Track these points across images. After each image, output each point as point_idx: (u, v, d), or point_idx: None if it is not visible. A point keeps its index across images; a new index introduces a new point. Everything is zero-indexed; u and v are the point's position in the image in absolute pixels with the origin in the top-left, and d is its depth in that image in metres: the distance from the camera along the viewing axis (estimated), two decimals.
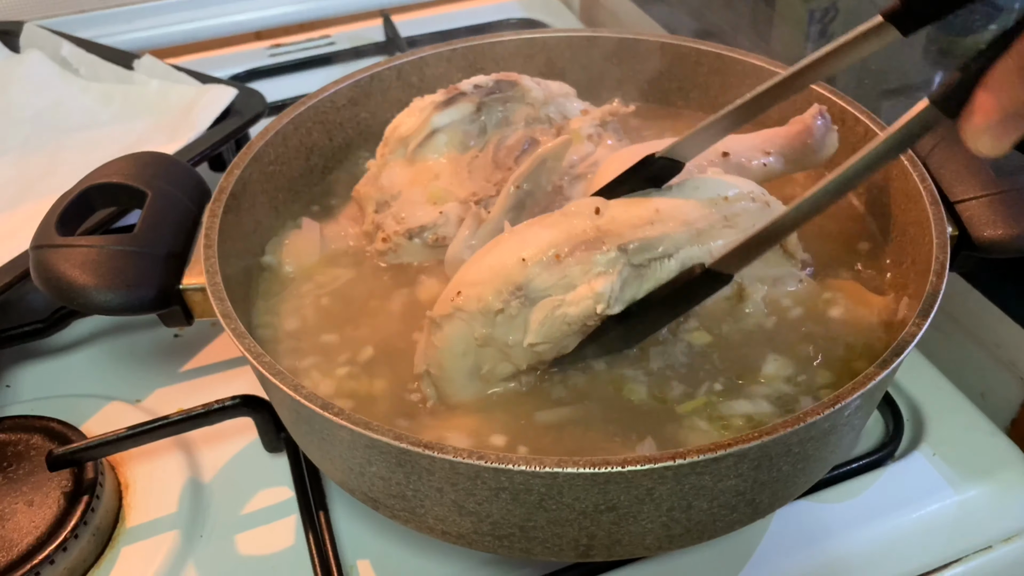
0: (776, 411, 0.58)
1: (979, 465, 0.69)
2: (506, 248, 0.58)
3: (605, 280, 0.56)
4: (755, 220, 0.60)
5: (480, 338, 0.57)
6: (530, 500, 0.49)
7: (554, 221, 0.59)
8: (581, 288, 0.56)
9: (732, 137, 0.69)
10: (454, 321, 0.57)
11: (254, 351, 0.54)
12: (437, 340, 0.58)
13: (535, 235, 0.58)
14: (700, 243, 0.59)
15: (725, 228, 0.59)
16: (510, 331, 0.57)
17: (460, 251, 0.66)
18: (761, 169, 0.70)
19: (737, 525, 0.56)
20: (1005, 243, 0.62)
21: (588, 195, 0.74)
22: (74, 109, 1.00)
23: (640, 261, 0.57)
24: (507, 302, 0.56)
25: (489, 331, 0.57)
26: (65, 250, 0.61)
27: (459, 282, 0.58)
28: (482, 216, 0.65)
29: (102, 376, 0.80)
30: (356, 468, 0.54)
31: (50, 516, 0.63)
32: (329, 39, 1.30)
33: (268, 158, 0.74)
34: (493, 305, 0.56)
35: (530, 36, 0.87)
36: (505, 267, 0.57)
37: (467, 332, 0.57)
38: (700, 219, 0.59)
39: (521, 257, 0.56)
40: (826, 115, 0.71)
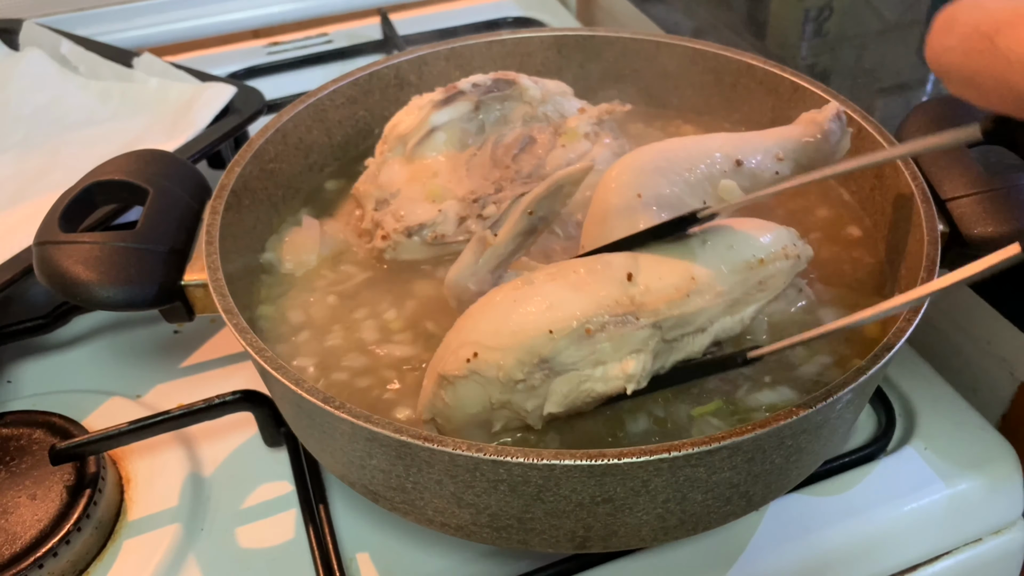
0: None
1: (970, 459, 0.70)
2: (530, 313, 0.53)
3: (637, 360, 0.53)
4: (787, 278, 0.57)
5: (496, 403, 0.54)
6: (528, 492, 0.50)
7: (582, 282, 0.54)
8: (611, 367, 0.53)
9: (742, 137, 0.66)
10: (468, 383, 0.54)
11: (256, 346, 0.55)
12: (448, 397, 0.55)
13: (562, 301, 0.53)
14: (733, 313, 0.56)
15: (759, 292, 0.57)
16: (529, 399, 0.54)
17: (464, 277, 0.61)
18: (773, 177, 0.66)
19: (731, 517, 0.57)
20: (995, 240, 0.63)
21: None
22: (73, 106, 1.01)
23: (673, 336, 0.55)
24: (530, 374, 0.53)
25: (507, 397, 0.54)
26: (68, 246, 0.62)
27: (475, 341, 0.54)
28: (488, 240, 0.60)
29: (103, 372, 0.81)
30: (356, 461, 0.55)
31: (53, 509, 0.64)
32: (327, 37, 1.31)
33: (268, 156, 0.75)
34: (514, 375, 0.53)
35: (528, 35, 0.88)
36: (530, 337, 0.52)
37: (482, 395, 0.54)
38: (735, 287, 0.56)
39: (548, 329, 0.52)
40: (843, 116, 0.68)
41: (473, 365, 0.53)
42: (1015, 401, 0.77)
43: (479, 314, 0.56)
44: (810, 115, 0.68)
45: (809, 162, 0.67)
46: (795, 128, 0.68)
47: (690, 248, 0.56)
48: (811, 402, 0.49)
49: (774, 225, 0.59)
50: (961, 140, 0.44)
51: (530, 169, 0.75)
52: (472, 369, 0.53)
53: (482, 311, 0.56)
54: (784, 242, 0.57)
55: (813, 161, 0.67)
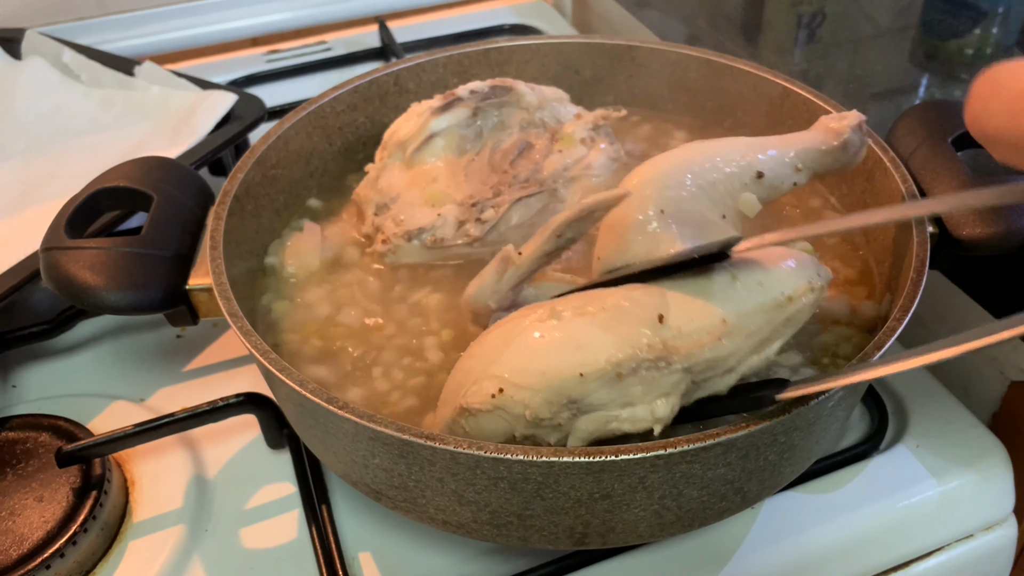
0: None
1: (961, 457, 0.71)
2: (561, 354, 0.52)
3: (666, 403, 0.52)
4: (811, 311, 0.56)
5: (519, 436, 0.54)
6: (527, 489, 0.51)
7: (612, 322, 0.52)
8: (640, 409, 0.52)
9: (763, 145, 0.64)
10: (492, 417, 0.53)
11: (260, 348, 0.56)
12: (468, 426, 0.54)
13: (593, 342, 0.51)
14: (759, 352, 0.55)
15: (785, 328, 0.55)
16: (553, 433, 0.53)
17: (486, 295, 0.60)
18: (790, 188, 0.65)
19: (727, 513, 0.58)
20: (984, 241, 0.64)
21: (586, 192, 0.75)
22: (76, 114, 1.02)
23: (703, 379, 0.54)
24: (557, 413, 0.52)
25: (531, 432, 0.53)
26: (75, 252, 0.63)
27: (499, 376, 0.52)
28: (513, 259, 0.59)
29: (107, 376, 0.82)
30: (359, 460, 0.56)
31: (59, 511, 0.65)
32: (325, 45, 1.32)
33: (270, 162, 0.76)
34: (541, 414, 0.52)
35: (525, 42, 0.89)
36: (560, 379, 0.51)
37: (505, 427, 0.53)
38: (763, 327, 0.54)
39: (579, 372, 0.51)
40: (864, 127, 0.66)
41: (498, 401, 0.52)
42: (1006, 400, 0.78)
43: (504, 346, 0.54)
44: (829, 120, 0.66)
45: (824, 171, 0.66)
46: (815, 135, 0.66)
47: (719, 286, 0.54)
48: (804, 399, 0.51)
49: (798, 254, 0.57)
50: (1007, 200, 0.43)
51: (527, 174, 0.77)
52: (497, 404, 0.52)
53: (507, 343, 0.54)
54: (809, 275, 0.56)
55: (828, 170, 0.66)
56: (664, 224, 0.57)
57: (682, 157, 0.62)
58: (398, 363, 0.66)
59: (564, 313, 0.53)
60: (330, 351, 0.67)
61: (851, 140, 0.65)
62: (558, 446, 0.53)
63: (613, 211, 0.60)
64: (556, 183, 0.76)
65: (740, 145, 0.64)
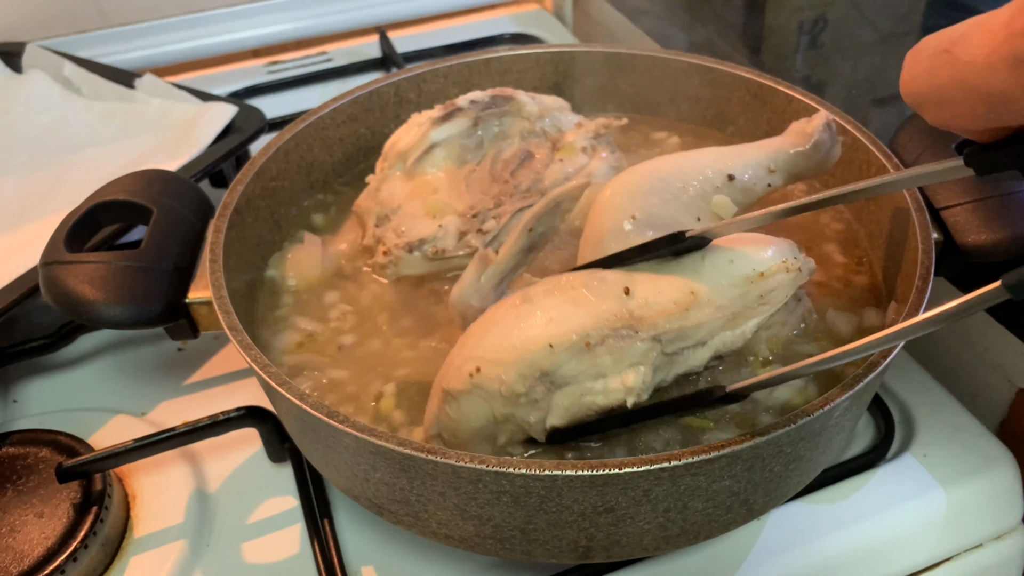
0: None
1: (969, 466, 0.70)
2: (531, 328, 0.54)
3: (637, 373, 0.54)
4: (788, 291, 0.57)
5: (500, 416, 0.55)
6: (530, 503, 0.50)
7: (580, 297, 0.55)
8: (612, 380, 0.54)
9: (733, 151, 0.67)
10: (472, 397, 0.55)
11: (260, 362, 0.55)
12: (452, 412, 0.56)
13: (562, 315, 0.54)
14: (734, 327, 0.56)
15: (760, 306, 0.57)
16: (532, 412, 0.55)
17: (467, 295, 0.61)
18: (765, 189, 0.67)
19: (732, 525, 0.58)
20: (989, 248, 0.64)
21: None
22: (77, 128, 1.02)
23: (674, 350, 0.55)
24: (531, 387, 0.54)
25: (510, 411, 0.55)
26: (74, 266, 0.63)
27: (477, 356, 0.55)
28: (489, 258, 0.60)
29: (108, 390, 0.81)
30: (361, 475, 0.56)
31: (60, 527, 0.65)
32: (326, 55, 1.32)
33: (270, 174, 0.76)
34: (516, 389, 0.53)
35: (525, 52, 0.89)
36: (531, 351, 0.53)
37: (486, 409, 0.55)
38: (735, 301, 0.56)
39: (548, 343, 0.53)
40: (832, 126, 0.68)
41: (476, 380, 0.54)
42: (1013, 408, 0.78)
43: (481, 330, 0.56)
44: (799, 125, 0.68)
45: (800, 172, 0.68)
46: (785, 139, 0.68)
47: (690, 263, 0.56)
48: (808, 410, 0.50)
49: (774, 239, 0.59)
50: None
51: (528, 183, 0.76)
52: (475, 384, 0.54)
53: (483, 327, 0.56)
54: (785, 256, 0.57)
55: (804, 171, 0.68)
56: (637, 229, 0.59)
57: (651, 167, 0.65)
58: (395, 373, 0.66)
59: (535, 295, 0.56)
60: (329, 362, 0.67)
61: (821, 140, 0.67)
62: (537, 429, 0.55)
63: (590, 222, 0.62)
64: None
65: (710, 152, 0.67)
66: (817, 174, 0.69)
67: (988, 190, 0.65)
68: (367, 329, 0.69)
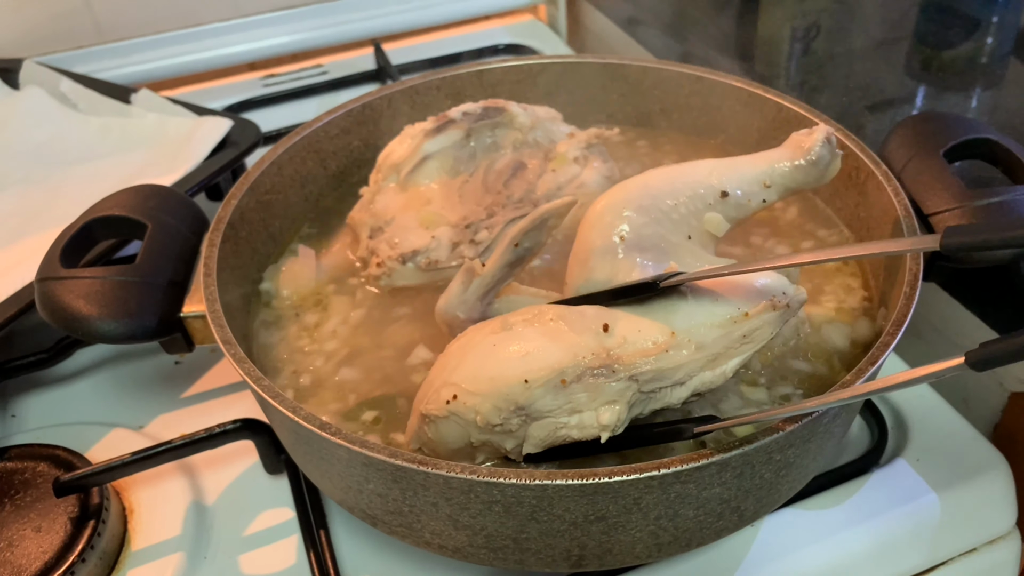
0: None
1: (963, 470, 0.71)
2: (506, 361, 0.53)
3: (612, 412, 0.53)
4: (774, 329, 0.55)
5: (476, 441, 0.55)
6: (522, 512, 0.51)
7: (559, 332, 0.54)
8: (587, 416, 0.53)
9: (728, 165, 0.65)
10: (448, 422, 0.55)
11: (254, 375, 0.56)
12: (431, 433, 0.56)
13: (539, 350, 0.53)
14: (714, 367, 0.55)
15: (743, 345, 0.55)
16: (507, 440, 0.55)
17: (453, 306, 0.61)
18: (760, 205, 0.65)
19: (724, 532, 0.58)
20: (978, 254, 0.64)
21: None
22: (74, 143, 1.02)
23: (651, 389, 0.54)
24: (507, 419, 0.53)
25: (486, 438, 0.55)
26: (69, 282, 0.63)
27: (453, 383, 0.54)
28: (476, 270, 0.60)
29: (105, 404, 0.82)
30: (354, 486, 0.56)
31: (57, 541, 0.65)
32: (322, 68, 1.33)
33: (264, 188, 0.76)
34: (491, 420, 0.53)
35: (517, 63, 0.89)
36: (507, 385, 0.53)
37: (463, 434, 0.55)
38: (716, 342, 0.54)
39: (524, 378, 0.52)
40: (833, 140, 0.65)
41: (452, 407, 0.54)
42: (1006, 412, 0.78)
43: (460, 354, 0.56)
44: (799, 137, 0.66)
45: (798, 186, 0.65)
46: (783, 152, 0.66)
47: (672, 302, 0.55)
48: (798, 417, 0.50)
49: (767, 273, 0.57)
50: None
51: (521, 194, 0.77)
52: (451, 411, 0.54)
53: (463, 352, 0.56)
54: (773, 292, 0.56)
55: (801, 185, 0.66)
56: (625, 250, 0.59)
57: (641, 182, 0.63)
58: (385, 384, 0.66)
59: (515, 324, 0.55)
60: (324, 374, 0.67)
61: (821, 155, 0.64)
62: (514, 453, 0.55)
63: (578, 239, 0.62)
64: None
65: (704, 166, 0.65)
66: (813, 188, 0.68)
67: (976, 196, 0.66)
68: (360, 341, 0.70)
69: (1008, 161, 0.69)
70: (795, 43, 1.24)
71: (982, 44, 1.16)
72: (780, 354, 0.65)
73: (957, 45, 1.16)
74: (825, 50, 1.21)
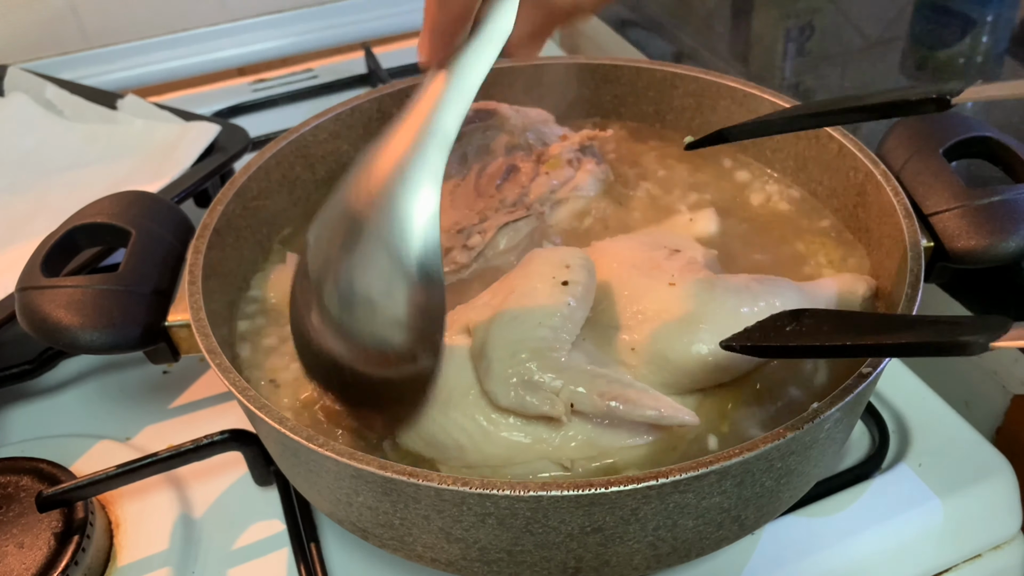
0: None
1: (966, 474, 0.69)
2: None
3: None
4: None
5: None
6: (516, 524, 0.49)
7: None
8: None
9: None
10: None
11: (239, 385, 0.54)
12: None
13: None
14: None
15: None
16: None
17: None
18: None
19: (724, 542, 0.57)
20: (979, 253, 0.63)
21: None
22: (59, 150, 1.01)
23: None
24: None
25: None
26: (50, 291, 0.62)
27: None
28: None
29: (91, 415, 0.80)
30: (344, 499, 0.55)
31: (40, 557, 0.63)
32: (312, 72, 1.32)
33: (251, 193, 0.75)
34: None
35: (507, 65, 0.88)
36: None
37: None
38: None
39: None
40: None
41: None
42: (1008, 415, 0.77)
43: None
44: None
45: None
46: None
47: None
48: (798, 423, 0.49)
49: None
50: None
51: (514, 198, 0.75)
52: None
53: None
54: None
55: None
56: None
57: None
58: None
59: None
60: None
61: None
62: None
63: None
64: (544, 206, 0.75)
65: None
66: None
67: (977, 195, 0.65)
68: None
69: (1009, 159, 0.68)
70: (789, 43, 1.23)
71: (977, 43, 1.15)
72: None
73: (952, 44, 1.15)
74: (819, 50, 1.20)
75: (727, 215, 0.76)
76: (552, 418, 0.54)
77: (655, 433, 0.57)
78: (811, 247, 0.73)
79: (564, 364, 0.55)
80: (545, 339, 0.55)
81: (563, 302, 0.57)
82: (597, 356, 0.59)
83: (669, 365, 0.58)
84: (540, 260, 0.61)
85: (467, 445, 0.55)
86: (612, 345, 0.60)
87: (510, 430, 0.55)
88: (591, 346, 0.60)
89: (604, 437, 0.56)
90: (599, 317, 0.61)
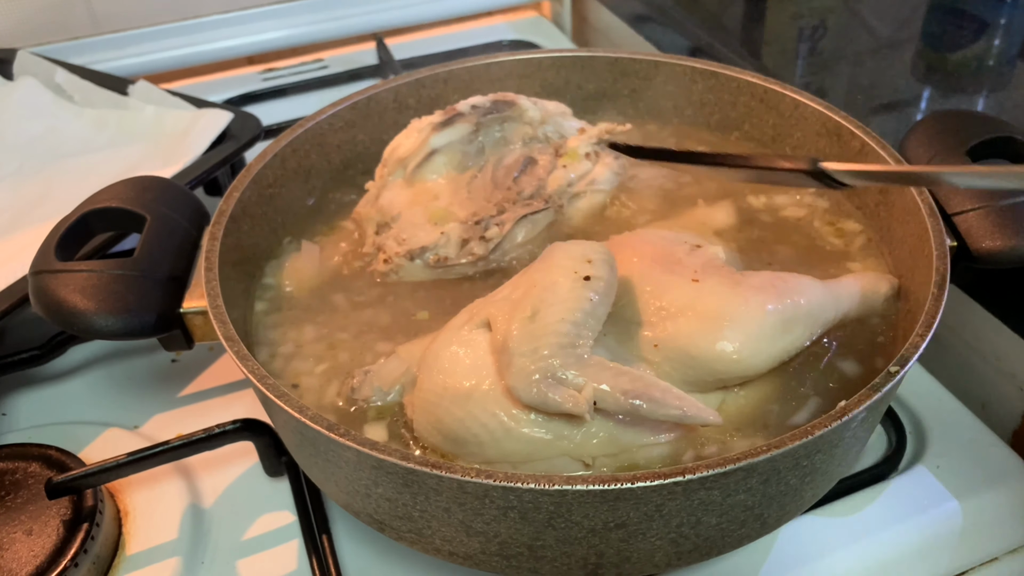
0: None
1: (982, 476, 0.69)
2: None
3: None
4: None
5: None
6: (539, 519, 0.49)
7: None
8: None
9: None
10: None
11: (258, 373, 0.54)
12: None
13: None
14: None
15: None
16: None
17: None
18: None
19: (745, 540, 0.56)
20: (1003, 254, 0.62)
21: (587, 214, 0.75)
22: (69, 135, 1.00)
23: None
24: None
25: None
26: (65, 275, 0.61)
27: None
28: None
29: (100, 402, 0.79)
30: (361, 490, 0.54)
31: (49, 545, 0.62)
32: (322, 63, 1.31)
33: (267, 181, 0.74)
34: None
35: (526, 56, 0.87)
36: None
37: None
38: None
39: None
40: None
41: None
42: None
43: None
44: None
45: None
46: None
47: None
48: (826, 420, 0.48)
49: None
50: None
51: (532, 190, 0.75)
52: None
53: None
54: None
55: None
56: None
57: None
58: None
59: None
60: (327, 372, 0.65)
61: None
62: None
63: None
64: (561, 199, 0.75)
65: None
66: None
67: (1000, 196, 0.64)
68: (363, 338, 0.67)
69: None
70: (802, 42, 1.22)
71: (990, 46, 1.15)
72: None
73: (964, 47, 1.14)
74: (832, 50, 1.20)
75: (746, 211, 0.76)
76: (575, 416, 0.53)
77: (677, 431, 0.56)
78: (833, 245, 0.73)
79: (587, 360, 0.54)
80: (568, 335, 0.55)
81: (585, 297, 0.56)
82: (619, 352, 0.58)
83: (693, 362, 0.57)
84: (561, 254, 0.60)
85: (486, 440, 0.54)
86: (634, 341, 0.59)
87: (531, 427, 0.54)
88: (613, 342, 0.59)
89: (626, 435, 0.55)
90: (620, 312, 0.60)
